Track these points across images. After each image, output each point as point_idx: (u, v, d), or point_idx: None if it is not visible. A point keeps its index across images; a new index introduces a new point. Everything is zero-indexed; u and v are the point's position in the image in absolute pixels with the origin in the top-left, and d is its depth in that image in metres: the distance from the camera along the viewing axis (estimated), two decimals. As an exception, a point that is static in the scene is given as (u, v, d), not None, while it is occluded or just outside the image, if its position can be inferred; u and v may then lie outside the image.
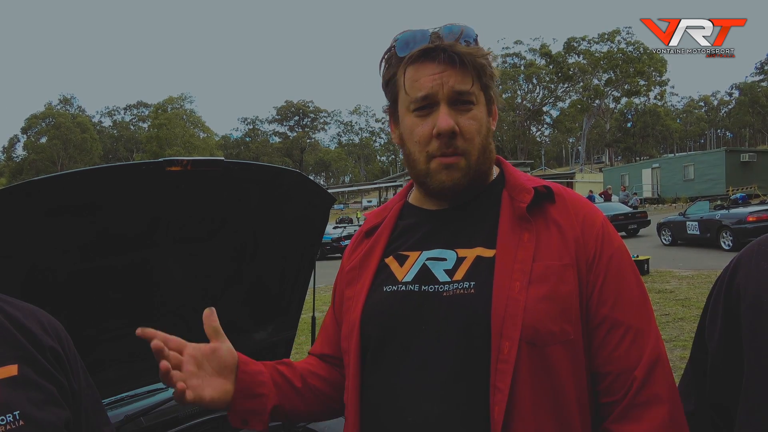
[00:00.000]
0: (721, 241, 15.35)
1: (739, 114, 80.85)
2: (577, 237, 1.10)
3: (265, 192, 1.99)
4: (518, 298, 1.03)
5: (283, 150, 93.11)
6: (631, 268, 1.13)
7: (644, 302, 1.12)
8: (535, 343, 1.02)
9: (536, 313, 1.02)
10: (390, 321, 1.12)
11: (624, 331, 1.07)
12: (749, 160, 33.70)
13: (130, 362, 1.96)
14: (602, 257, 1.10)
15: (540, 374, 1.02)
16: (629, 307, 1.09)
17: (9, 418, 0.91)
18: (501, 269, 1.07)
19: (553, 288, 1.05)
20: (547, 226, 1.11)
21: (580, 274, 1.08)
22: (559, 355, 1.03)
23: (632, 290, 1.11)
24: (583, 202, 1.18)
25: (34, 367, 0.99)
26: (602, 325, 1.08)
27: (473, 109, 1.12)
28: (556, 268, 1.07)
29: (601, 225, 1.13)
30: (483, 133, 1.14)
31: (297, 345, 4.27)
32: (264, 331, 2.41)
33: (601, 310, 1.08)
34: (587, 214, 1.14)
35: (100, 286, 1.77)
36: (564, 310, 1.05)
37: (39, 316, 1.08)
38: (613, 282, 1.09)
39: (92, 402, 1.13)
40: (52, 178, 1.43)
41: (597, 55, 55.79)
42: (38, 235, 1.46)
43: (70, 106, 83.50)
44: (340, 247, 24.00)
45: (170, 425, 2.10)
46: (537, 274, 1.06)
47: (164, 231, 1.81)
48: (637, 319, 1.08)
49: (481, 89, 1.13)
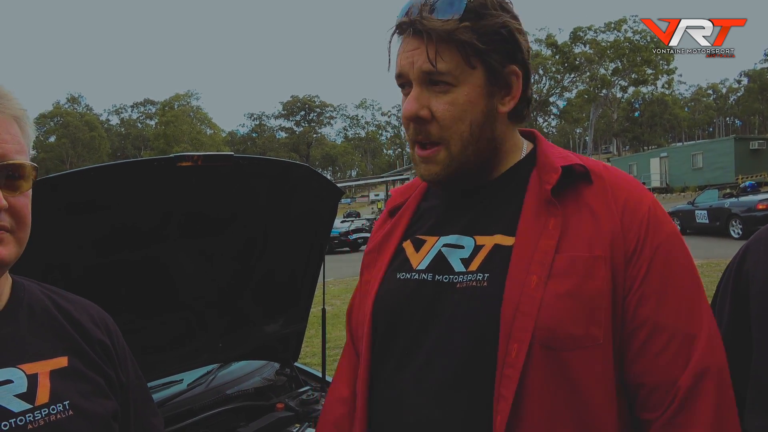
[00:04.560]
0: (730, 230, 15.24)
1: (748, 101, 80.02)
2: (614, 225, 0.93)
3: (274, 186, 2.01)
4: (534, 294, 0.90)
5: (289, 145, 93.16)
6: (683, 262, 0.96)
7: (697, 302, 0.94)
8: (552, 346, 0.89)
9: (555, 312, 0.89)
10: (400, 312, 1.04)
11: (669, 337, 0.90)
12: (759, 148, 33.40)
13: (142, 355, 1.98)
14: (645, 248, 0.93)
15: (556, 383, 0.89)
16: (677, 307, 0.92)
17: (59, 408, 0.93)
18: (517, 260, 0.93)
19: (579, 284, 0.90)
20: (579, 211, 0.95)
21: (615, 269, 0.92)
22: (582, 361, 0.89)
23: (682, 287, 0.93)
24: (627, 182, 1.00)
25: (83, 359, 1.01)
26: (641, 329, 0.91)
27: (453, 92, 0.96)
28: (584, 260, 0.91)
29: (647, 210, 0.96)
30: (471, 119, 0.98)
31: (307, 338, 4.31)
32: (275, 323, 2.44)
33: (641, 310, 0.91)
34: (630, 196, 0.97)
35: (113, 280, 1.80)
36: (591, 311, 0.90)
37: (89, 310, 1.10)
38: (658, 277, 0.92)
39: (141, 394, 1.15)
40: (66, 174, 1.45)
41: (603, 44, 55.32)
42: (55, 230, 1.49)
43: (78, 104, 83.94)
44: (348, 241, 24.05)
45: (183, 417, 2.13)
46: (560, 267, 0.91)
47: (176, 225, 1.84)
48: (686, 321, 0.91)
49: (471, 67, 0.96)
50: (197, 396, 2.28)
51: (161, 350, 2.09)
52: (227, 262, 2.12)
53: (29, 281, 1.05)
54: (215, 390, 2.36)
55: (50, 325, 1.01)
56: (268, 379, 2.54)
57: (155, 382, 2.26)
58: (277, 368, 2.64)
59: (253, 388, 2.44)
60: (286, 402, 2.33)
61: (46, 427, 0.90)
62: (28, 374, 0.93)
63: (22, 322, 0.97)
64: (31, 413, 0.89)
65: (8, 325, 0.95)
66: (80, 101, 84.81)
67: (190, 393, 2.29)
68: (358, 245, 24.40)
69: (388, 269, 1.11)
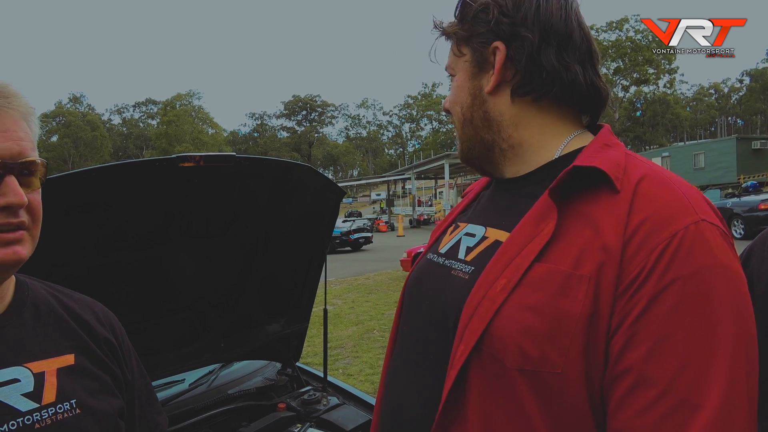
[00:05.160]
0: (732, 230, 15.22)
1: (750, 101, 79.88)
2: (613, 245, 0.77)
3: (276, 186, 2.01)
4: (495, 298, 0.82)
5: (291, 144, 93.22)
6: (710, 308, 0.73)
7: (716, 363, 0.71)
8: (501, 359, 0.80)
9: (510, 323, 0.80)
10: (413, 291, 1.08)
11: (658, 395, 0.71)
12: (761, 148, 33.28)
13: (145, 356, 1.98)
14: (652, 279, 0.74)
15: (500, 399, 0.80)
16: (679, 363, 0.71)
17: (66, 406, 0.93)
18: (497, 260, 0.87)
19: (549, 300, 0.78)
20: (581, 221, 0.83)
21: (601, 296, 0.76)
22: (534, 388, 0.78)
23: (696, 340, 0.72)
24: (665, 197, 0.80)
25: (90, 356, 1.02)
26: (625, 377, 0.74)
27: (454, 81, 1.04)
28: (564, 275, 0.79)
29: (672, 234, 0.76)
30: (461, 102, 1.02)
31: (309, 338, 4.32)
32: (277, 323, 2.44)
33: (628, 355, 0.74)
34: (656, 214, 0.78)
35: (115, 280, 1.80)
36: (553, 333, 0.77)
37: (94, 308, 1.11)
38: (663, 318, 0.73)
39: (146, 392, 1.16)
40: (68, 175, 1.45)
41: (605, 43, 55.28)
42: (57, 230, 1.49)
43: (80, 104, 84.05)
44: (349, 241, 24.05)
45: (185, 417, 2.13)
46: (534, 277, 0.81)
47: (177, 226, 1.84)
48: (688, 384, 0.71)
49: (461, 54, 1.01)
50: (199, 396, 2.29)
51: (163, 350, 2.09)
52: (229, 262, 2.12)
53: (33, 280, 1.05)
54: (217, 390, 2.37)
55: (56, 323, 1.01)
56: (269, 379, 2.54)
57: (157, 381, 2.27)
58: (278, 368, 2.65)
59: (255, 387, 2.44)
60: (288, 402, 2.34)
61: (53, 426, 0.90)
62: (34, 373, 0.93)
63: (27, 321, 0.97)
64: (38, 412, 0.90)
65: (13, 324, 0.95)
66: (82, 101, 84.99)
67: (192, 393, 2.29)
68: (360, 245, 24.40)
69: (429, 249, 1.14)
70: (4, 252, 0.88)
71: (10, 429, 0.86)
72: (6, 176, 0.86)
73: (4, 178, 0.86)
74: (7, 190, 0.86)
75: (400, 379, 1.01)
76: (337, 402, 2.34)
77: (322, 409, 2.27)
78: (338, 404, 2.32)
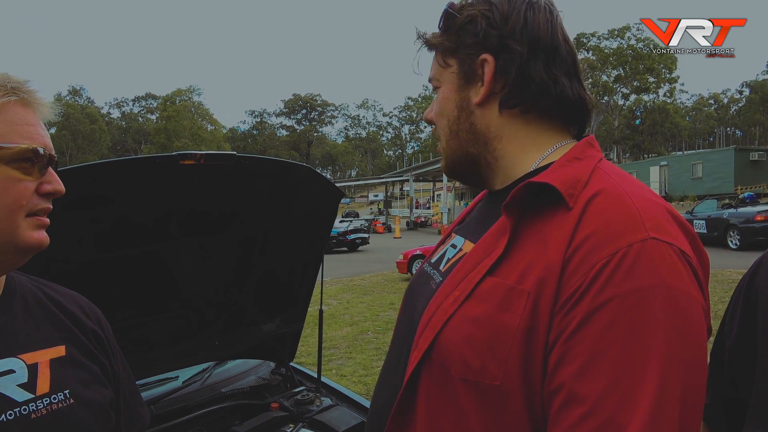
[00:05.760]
0: (728, 240, 15.27)
1: (749, 112, 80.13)
2: (554, 261, 0.77)
3: (275, 186, 2.01)
4: (447, 310, 0.85)
5: (290, 143, 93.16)
6: (651, 328, 0.71)
7: (644, 384, 0.69)
8: (447, 368, 0.82)
9: (455, 334, 0.82)
10: (407, 299, 1.10)
11: (586, 413, 0.70)
12: (758, 159, 33.43)
13: (141, 352, 1.99)
14: (588, 296, 0.73)
15: (444, 408, 0.83)
16: (605, 381, 0.70)
17: (60, 396, 0.95)
18: (456, 272, 0.90)
19: (490, 313, 0.80)
20: (535, 236, 0.83)
21: (538, 312, 0.76)
22: (474, 398, 0.80)
23: (628, 359, 0.70)
24: (612, 214, 0.78)
25: (80, 348, 1.04)
26: (557, 394, 0.73)
27: (438, 93, 1.03)
28: (507, 289, 0.80)
29: (613, 252, 0.74)
30: (447, 114, 1.00)
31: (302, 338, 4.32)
32: (272, 323, 2.44)
33: (561, 372, 0.73)
34: (600, 231, 0.76)
35: (113, 276, 1.80)
36: (492, 345, 0.78)
37: (79, 301, 1.13)
38: (595, 336, 0.72)
39: (129, 384, 1.18)
40: (68, 170, 1.45)
41: (606, 51, 55.44)
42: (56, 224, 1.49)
43: (80, 97, 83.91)
44: (346, 241, 24.06)
45: (178, 414, 2.13)
46: (482, 291, 0.83)
47: (176, 223, 1.84)
48: (616, 404, 0.69)
49: (447, 65, 0.99)
50: (192, 393, 2.29)
51: (159, 346, 2.09)
52: (227, 260, 2.12)
53: (18, 274, 1.06)
54: (210, 388, 2.37)
55: (45, 315, 1.03)
56: (263, 378, 2.54)
57: (151, 378, 2.27)
58: (272, 367, 2.65)
59: (249, 386, 2.44)
60: (281, 402, 2.34)
61: (48, 416, 0.92)
62: (28, 364, 0.94)
63: (18, 313, 0.99)
64: (33, 402, 0.91)
65: (4, 316, 0.97)
66: (82, 93, 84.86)
67: (185, 390, 2.29)
68: (356, 245, 24.41)
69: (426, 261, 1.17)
70: (40, 235, 0.95)
71: (8, 419, 0.87)
72: (48, 166, 0.95)
73: (48, 168, 0.95)
74: (52, 178, 0.95)
75: (382, 381, 1.06)
76: (330, 403, 2.34)
77: (315, 410, 2.27)
78: (331, 405, 2.32)
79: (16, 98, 0.92)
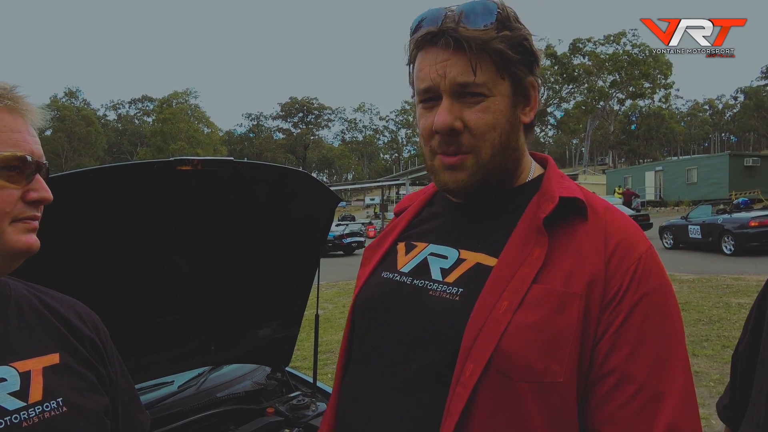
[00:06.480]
0: (722, 246, 15.31)
1: (743, 118, 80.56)
2: (598, 267, 0.90)
3: (272, 191, 2.02)
4: (501, 319, 0.88)
5: (286, 146, 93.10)
6: (667, 316, 0.92)
7: (674, 361, 0.89)
8: (508, 374, 0.87)
9: (517, 341, 0.87)
10: (373, 309, 1.07)
11: (636, 390, 0.87)
12: (753, 165, 33.60)
13: (136, 356, 1.99)
14: (628, 295, 0.90)
15: (507, 413, 0.87)
16: (650, 361, 0.88)
17: (53, 405, 0.94)
18: (493, 283, 0.93)
19: (547, 318, 0.88)
20: (566, 245, 0.93)
21: (589, 311, 0.89)
22: (538, 397, 0.87)
23: (660, 342, 0.89)
24: (624, 226, 0.97)
25: (74, 355, 1.03)
26: (609, 377, 0.88)
27: (486, 102, 0.96)
28: (558, 295, 0.89)
29: (638, 258, 0.92)
30: (501, 128, 0.97)
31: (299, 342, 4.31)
32: (268, 327, 2.44)
33: (613, 358, 0.88)
34: (623, 241, 0.93)
35: (109, 281, 1.80)
36: (554, 347, 0.87)
37: (76, 308, 1.12)
38: (637, 327, 0.89)
39: (128, 390, 1.17)
40: (65, 175, 1.46)
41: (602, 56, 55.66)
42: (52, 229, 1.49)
43: (75, 99, 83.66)
44: (342, 245, 24.04)
45: (173, 419, 2.13)
46: (533, 298, 0.89)
47: (173, 228, 1.85)
48: (657, 378, 0.87)
49: (502, 77, 0.96)
50: (188, 398, 2.29)
51: (154, 351, 2.09)
52: (223, 265, 2.13)
53: (14, 280, 1.05)
54: (206, 393, 2.37)
55: (39, 322, 1.02)
56: (258, 383, 2.54)
57: (146, 383, 2.27)
58: (268, 372, 2.65)
59: (244, 391, 2.44)
60: (276, 407, 2.34)
61: (40, 425, 0.91)
62: (20, 372, 0.94)
63: (11, 320, 0.98)
64: (25, 411, 0.90)
65: None
66: (78, 95, 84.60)
67: (180, 395, 2.29)
68: (352, 249, 24.40)
69: (378, 267, 1.14)
70: (28, 239, 0.94)
71: None
72: (36, 174, 0.95)
73: (35, 175, 0.95)
74: (39, 186, 0.95)
75: (370, 397, 1.01)
76: (325, 408, 2.34)
77: (311, 415, 2.27)
78: (327, 410, 2.32)
79: (1, 105, 0.91)
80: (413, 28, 1.01)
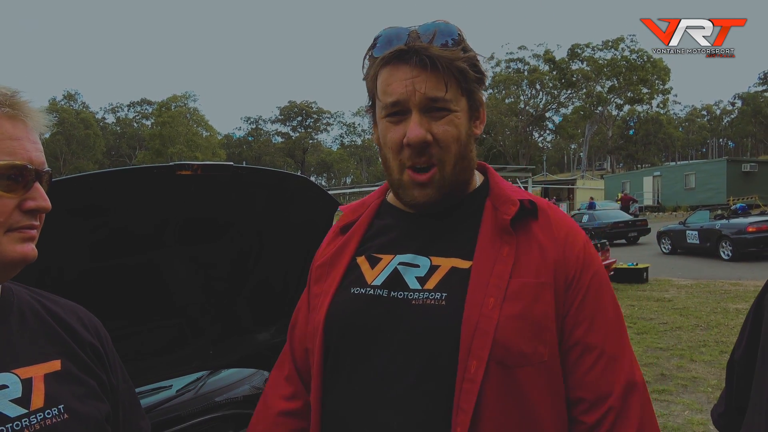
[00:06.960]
0: (720, 251, 15.36)
1: (741, 123, 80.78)
2: (557, 256, 1.05)
3: (271, 196, 2.02)
4: (491, 315, 0.97)
5: (285, 150, 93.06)
6: (609, 291, 1.10)
7: (620, 326, 1.07)
8: (505, 363, 0.97)
9: (508, 332, 0.97)
10: (354, 325, 1.08)
11: (597, 356, 1.02)
12: (750, 170, 33.73)
13: (134, 360, 1.98)
14: (582, 277, 1.05)
15: (509, 397, 0.97)
16: (604, 330, 1.04)
17: (54, 412, 0.94)
18: (476, 283, 1.01)
19: (527, 307, 1.00)
20: (529, 242, 1.06)
21: (557, 294, 1.03)
22: (531, 377, 0.98)
23: (608, 313, 1.06)
24: (566, 220, 1.13)
25: (76, 362, 1.02)
26: (575, 348, 1.03)
27: (450, 115, 1.04)
28: (533, 285, 1.01)
29: (583, 245, 1.09)
30: (462, 141, 1.07)
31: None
32: (267, 332, 2.44)
33: (576, 332, 1.03)
34: (570, 232, 1.10)
35: (108, 285, 1.80)
36: (538, 331, 1.00)
37: (79, 313, 1.12)
38: (591, 303, 1.05)
39: (129, 397, 1.16)
40: (65, 180, 1.46)
41: (601, 62, 55.81)
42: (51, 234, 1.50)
43: (74, 102, 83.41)
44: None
45: (171, 424, 2.12)
46: (512, 291, 1.00)
47: (172, 232, 1.84)
48: (611, 343, 1.04)
49: (462, 94, 1.06)
50: (186, 402, 2.28)
51: (153, 356, 2.09)
52: (222, 269, 2.12)
53: (17, 285, 1.05)
54: (204, 397, 2.36)
55: (41, 328, 1.02)
56: (257, 388, 2.53)
57: (144, 387, 2.26)
58: (266, 377, 2.64)
59: (242, 396, 2.43)
60: (275, 411, 2.33)
61: None
62: (22, 379, 0.93)
63: (13, 327, 0.98)
64: (26, 418, 0.90)
65: (0, 329, 0.96)
66: (76, 98, 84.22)
67: (178, 399, 2.28)
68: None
69: (341, 283, 1.14)
70: (24, 249, 0.92)
71: None
72: (35, 182, 0.93)
73: (34, 184, 0.93)
74: (37, 194, 0.93)
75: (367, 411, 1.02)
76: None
77: (309, 420, 2.26)
78: (325, 415, 2.31)
79: (1, 112, 0.90)
80: (378, 46, 1.07)
